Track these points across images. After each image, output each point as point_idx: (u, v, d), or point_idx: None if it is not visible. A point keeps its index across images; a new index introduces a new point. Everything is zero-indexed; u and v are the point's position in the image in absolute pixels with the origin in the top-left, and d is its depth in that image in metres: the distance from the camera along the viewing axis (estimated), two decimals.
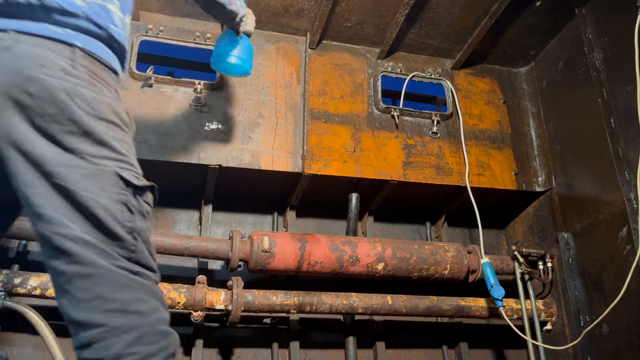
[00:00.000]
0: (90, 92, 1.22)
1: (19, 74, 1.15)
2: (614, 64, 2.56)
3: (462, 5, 2.76)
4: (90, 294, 1.13)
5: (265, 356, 2.69)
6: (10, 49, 1.16)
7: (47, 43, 1.21)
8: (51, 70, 1.18)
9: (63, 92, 1.17)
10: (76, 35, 1.26)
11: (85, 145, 1.18)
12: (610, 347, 2.41)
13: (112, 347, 1.11)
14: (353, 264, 2.51)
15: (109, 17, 1.33)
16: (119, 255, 1.18)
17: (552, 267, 2.77)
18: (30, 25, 1.20)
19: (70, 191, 1.14)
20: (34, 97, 1.14)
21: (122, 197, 1.20)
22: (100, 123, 1.21)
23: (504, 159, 3.00)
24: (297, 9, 2.75)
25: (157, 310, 1.20)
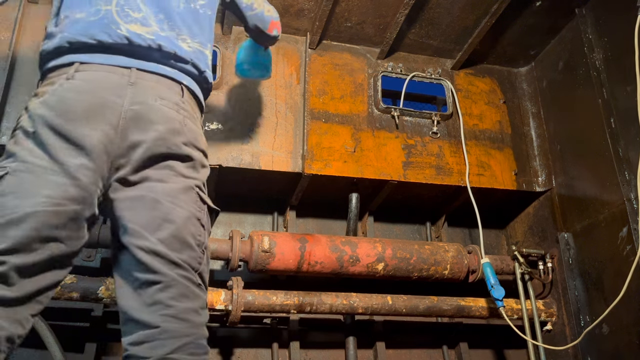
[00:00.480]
0: (193, 125, 1.48)
1: (142, 103, 1.37)
2: (614, 64, 2.56)
3: (462, 5, 2.76)
4: (153, 299, 1.28)
5: (265, 356, 2.69)
6: (135, 84, 1.39)
7: (164, 80, 1.45)
8: (169, 103, 1.42)
9: (177, 122, 1.42)
10: (183, 76, 1.52)
11: (181, 167, 1.41)
12: (611, 347, 2.41)
13: (160, 348, 1.24)
14: (353, 264, 2.51)
15: (205, 62, 1.59)
16: (187, 265, 1.34)
17: (552, 267, 2.77)
18: (150, 65, 1.44)
19: (158, 202, 1.34)
20: (154, 123, 1.37)
21: (198, 213, 1.41)
22: (196, 151, 1.46)
23: (504, 159, 3.00)
24: (297, 9, 2.75)
25: (204, 325, 1.35)
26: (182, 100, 1.47)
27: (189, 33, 1.55)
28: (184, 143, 1.42)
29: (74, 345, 2.39)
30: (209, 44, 1.65)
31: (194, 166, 1.45)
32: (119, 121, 1.33)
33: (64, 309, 2.46)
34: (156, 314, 1.26)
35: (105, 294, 2.23)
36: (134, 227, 1.31)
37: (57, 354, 2.09)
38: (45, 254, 1.23)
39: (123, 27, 1.43)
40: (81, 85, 1.34)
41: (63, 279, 1.34)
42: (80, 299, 2.22)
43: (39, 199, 1.22)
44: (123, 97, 1.36)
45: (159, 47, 1.45)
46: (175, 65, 1.50)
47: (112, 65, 1.40)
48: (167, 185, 1.37)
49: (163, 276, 1.29)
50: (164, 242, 1.31)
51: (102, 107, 1.32)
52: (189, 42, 1.54)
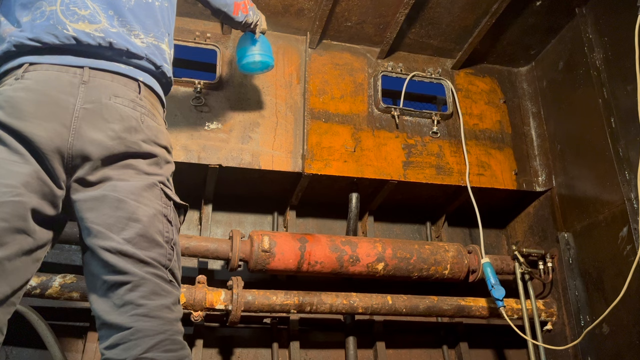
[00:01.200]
0: (152, 122, 1.44)
1: (95, 102, 1.34)
2: (614, 64, 2.56)
3: (462, 5, 2.76)
4: (122, 300, 1.25)
5: (265, 356, 2.69)
6: (87, 82, 1.36)
7: (118, 78, 1.42)
8: (124, 100, 1.39)
9: (134, 120, 1.39)
10: (139, 72, 1.48)
11: (143, 165, 1.38)
12: (611, 347, 2.41)
13: (134, 349, 1.21)
14: (353, 264, 2.51)
15: (161, 56, 1.54)
16: (156, 263, 1.31)
17: (552, 267, 2.77)
18: (103, 63, 1.41)
19: (122, 201, 1.30)
20: (109, 122, 1.34)
21: (164, 210, 1.38)
22: (157, 147, 1.43)
23: (504, 159, 3.00)
24: (297, 9, 2.75)
25: (178, 321, 1.32)
26: (138, 97, 1.44)
27: (142, 28, 1.50)
28: (143, 140, 1.39)
29: (74, 345, 2.39)
30: (166, 38, 1.60)
31: (157, 162, 1.42)
32: (72, 120, 1.30)
33: (64, 308, 2.46)
34: (127, 314, 1.24)
35: None
36: (98, 228, 1.28)
37: (57, 354, 2.09)
38: (15, 248, 1.19)
39: (69, 26, 1.39)
40: (31, 84, 1.31)
41: (31, 277, 1.30)
42: (80, 298, 2.22)
43: (4, 189, 1.19)
44: (75, 95, 1.33)
45: (109, 44, 1.41)
46: (129, 61, 1.46)
47: (62, 65, 1.37)
48: (129, 183, 1.34)
49: (131, 276, 1.26)
50: (131, 241, 1.28)
51: (53, 106, 1.30)
52: (142, 38, 1.49)
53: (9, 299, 1.20)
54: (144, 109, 1.43)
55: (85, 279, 1.35)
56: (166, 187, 1.42)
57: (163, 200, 1.39)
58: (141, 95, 1.45)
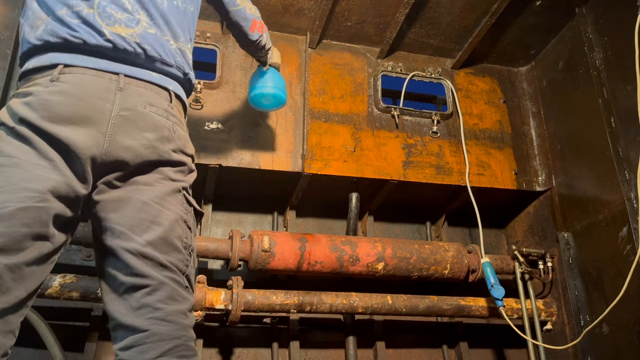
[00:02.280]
0: (182, 131, 1.48)
1: (131, 110, 1.36)
2: (614, 64, 2.56)
3: (462, 5, 2.76)
4: (140, 303, 1.27)
5: (265, 356, 2.69)
6: (124, 89, 1.37)
7: (151, 86, 1.44)
8: (158, 109, 1.42)
9: (167, 129, 1.41)
10: (170, 81, 1.51)
11: (170, 172, 1.41)
12: (611, 347, 2.41)
13: (149, 352, 1.23)
14: (353, 264, 2.51)
15: (188, 63, 1.58)
16: (174, 267, 1.33)
17: (552, 267, 2.77)
18: (136, 71, 1.42)
19: (146, 204, 1.33)
20: (143, 130, 1.36)
21: (184, 216, 1.41)
22: (185, 157, 1.47)
23: (504, 159, 3.00)
24: (297, 9, 2.75)
25: (191, 327, 1.34)
26: (170, 106, 1.46)
27: (172, 34, 1.52)
28: (174, 150, 1.42)
29: (74, 345, 2.39)
30: (190, 43, 1.62)
31: (183, 171, 1.46)
32: (108, 126, 1.31)
33: (64, 308, 2.46)
34: (144, 317, 1.25)
35: None
36: (121, 228, 1.29)
37: (57, 354, 2.09)
38: (34, 253, 1.19)
39: (106, 30, 1.39)
40: (67, 88, 1.31)
41: (45, 279, 1.31)
42: (80, 298, 2.22)
43: (29, 193, 1.19)
44: (112, 102, 1.33)
45: (144, 51, 1.43)
46: (161, 69, 1.48)
47: (98, 70, 1.37)
48: (154, 188, 1.36)
49: (150, 279, 1.28)
50: (152, 244, 1.30)
51: (90, 111, 1.30)
52: (172, 44, 1.51)
53: (25, 303, 1.21)
54: (175, 118, 1.46)
55: (99, 280, 1.35)
56: (187, 193, 1.46)
57: (184, 206, 1.43)
58: (172, 104, 1.48)
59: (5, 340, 1.17)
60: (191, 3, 1.63)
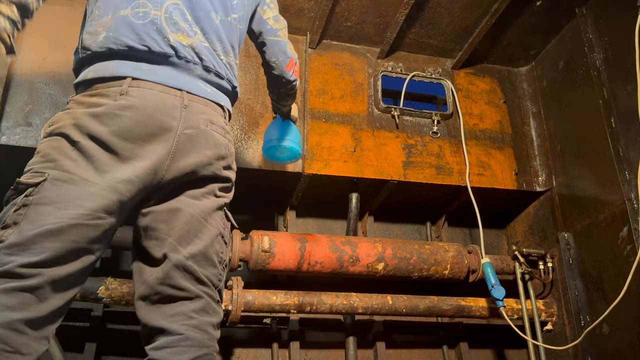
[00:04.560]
0: (233, 147, 1.52)
1: (195, 128, 1.38)
2: (614, 64, 2.55)
3: (462, 5, 2.76)
4: (175, 311, 1.31)
5: (265, 356, 2.69)
6: (188, 107, 1.39)
7: (210, 103, 1.46)
8: (218, 127, 1.45)
9: (224, 148, 1.45)
10: (222, 96, 1.53)
11: (217, 188, 1.45)
12: (611, 347, 2.41)
13: (183, 354, 1.26)
14: (353, 264, 2.51)
15: (235, 76, 1.59)
16: (209, 282, 1.37)
17: (552, 267, 2.76)
18: (196, 86, 1.43)
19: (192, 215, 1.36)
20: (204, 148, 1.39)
21: (223, 231, 1.45)
22: (232, 173, 1.51)
23: (504, 159, 3.00)
24: (297, 9, 2.75)
25: (216, 340, 1.37)
26: (226, 123, 1.51)
27: (223, 49, 1.53)
28: (225, 167, 1.46)
29: (74, 345, 2.39)
30: (237, 59, 1.63)
31: (228, 188, 1.50)
32: (173, 144, 1.33)
33: None
34: (178, 323, 1.29)
35: (105, 294, 2.22)
36: (170, 240, 1.33)
37: (57, 354, 2.08)
38: (77, 266, 1.23)
39: (170, 36, 1.40)
40: (137, 104, 1.31)
41: None
42: (80, 298, 2.21)
43: (81, 211, 1.21)
44: (178, 119, 1.35)
45: (200, 60, 1.45)
46: (215, 82, 1.50)
47: (164, 85, 1.37)
48: (202, 203, 1.39)
49: (187, 292, 1.32)
50: (194, 257, 1.34)
51: (159, 130, 1.32)
52: (222, 58, 1.52)
53: (61, 311, 1.24)
54: (230, 135, 1.51)
55: (134, 284, 1.38)
56: (227, 210, 1.50)
57: (224, 221, 1.47)
58: (226, 120, 1.52)
59: (40, 345, 1.18)
60: (241, 21, 1.63)
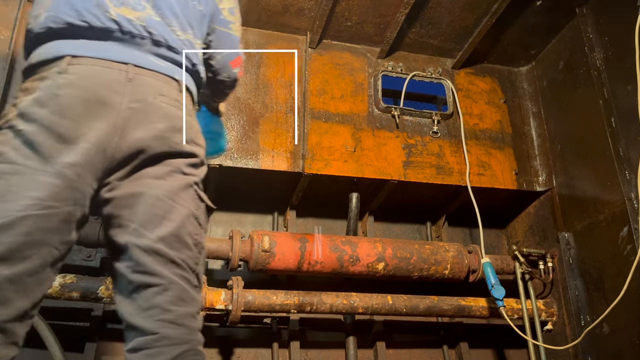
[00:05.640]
0: (193, 122, 1.44)
1: (141, 101, 1.31)
2: (614, 64, 2.55)
3: (462, 5, 2.76)
4: (150, 303, 1.23)
5: (265, 356, 2.69)
6: (133, 80, 1.31)
7: (160, 76, 1.38)
8: (169, 99, 1.37)
9: (178, 119, 1.37)
10: (178, 70, 1.45)
11: (182, 165, 1.37)
12: (611, 347, 2.41)
13: (159, 356, 1.20)
14: (353, 264, 2.51)
15: (196, 55, 1.51)
16: (185, 265, 1.30)
17: (552, 267, 2.76)
18: (145, 60, 1.36)
19: (157, 197, 1.29)
20: (154, 121, 1.31)
21: (196, 212, 1.38)
22: (197, 147, 1.42)
23: (504, 159, 3.00)
24: (297, 9, 2.75)
25: (199, 330, 1.31)
26: (180, 96, 1.42)
27: (180, 25, 1.46)
28: (185, 141, 1.37)
29: (74, 345, 2.39)
30: (200, 40, 1.55)
31: (195, 164, 1.41)
32: (117, 120, 1.26)
33: (64, 308, 2.46)
34: (153, 319, 1.22)
35: (105, 294, 2.23)
36: (133, 225, 1.26)
37: (57, 354, 2.08)
38: (37, 262, 1.16)
39: (112, 10, 1.33)
40: (77, 81, 1.26)
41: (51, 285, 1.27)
42: (80, 298, 2.22)
43: (29, 201, 1.14)
44: (122, 94, 1.28)
45: (149, 34, 1.37)
46: (169, 56, 1.42)
47: (106, 60, 1.31)
48: (166, 182, 1.32)
49: (160, 278, 1.24)
50: (164, 240, 1.26)
51: (100, 105, 1.25)
52: (180, 34, 1.45)
53: (29, 313, 1.17)
54: (186, 108, 1.42)
55: (113, 280, 1.33)
56: (200, 190, 1.42)
57: (196, 201, 1.39)
58: (183, 94, 1.43)
59: (7, 351, 1.10)
60: (200, 3, 1.56)
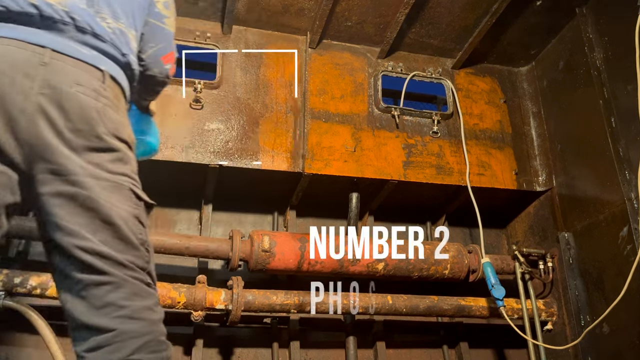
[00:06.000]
0: (115, 114, 1.32)
1: (55, 88, 1.21)
2: (614, 64, 2.55)
3: (462, 5, 2.76)
4: (103, 301, 1.19)
5: (266, 356, 2.69)
6: (48, 64, 1.23)
7: (81, 64, 1.29)
8: (86, 89, 1.26)
9: (95, 111, 1.26)
10: (104, 60, 1.35)
11: (107, 162, 1.27)
12: (611, 347, 2.41)
13: (120, 351, 1.16)
14: (353, 264, 2.51)
15: (127, 45, 1.43)
16: (134, 266, 1.26)
17: (552, 267, 2.76)
18: (65, 45, 1.28)
19: (93, 201, 1.22)
20: (67, 112, 1.22)
21: (135, 211, 1.30)
22: (120, 142, 1.31)
23: (504, 159, 3.00)
24: (297, 9, 2.75)
25: (161, 322, 1.28)
26: (102, 87, 1.31)
27: (111, 13, 1.38)
28: (104, 134, 1.27)
29: None
30: (135, 31, 1.48)
31: (120, 158, 1.31)
32: (27, 105, 1.17)
33: None
34: (109, 316, 1.18)
35: None
36: (72, 226, 1.20)
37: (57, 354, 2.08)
38: None
39: None
40: None
41: None
42: None
43: None
44: (33, 78, 1.19)
45: (72, 20, 1.29)
46: (94, 44, 1.33)
47: (21, 41, 1.22)
48: (99, 182, 1.24)
49: (111, 276, 1.20)
50: (107, 243, 1.22)
51: (7, 87, 1.17)
52: (110, 22, 1.37)
53: None
54: (107, 99, 1.31)
55: (53, 276, 1.27)
56: (135, 187, 1.33)
57: (134, 201, 1.31)
58: (105, 85, 1.33)
59: None
60: None
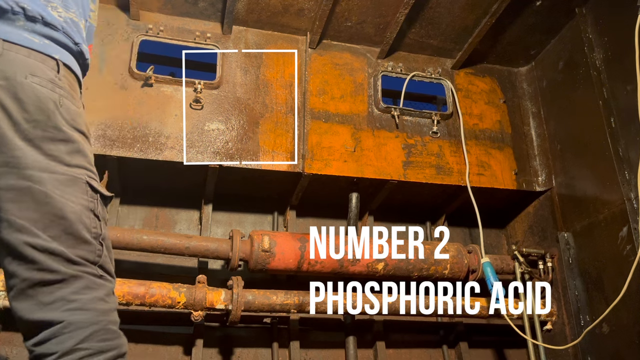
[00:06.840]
0: (71, 104, 1.31)
1: (10, 79, 1.20)
2: (614, 64, 2.56)
3: (462, 5, 2.76)
4: (52, 297, 1.18)
5: (266, 356, 2.69)
6: (1, 55, 1.21)
7: (35, 54, 1.27)
8: (42, 80, 1.25)
9: (51, 102, 1.25)
10: (57, 48, 1.33)
11: (64, 153, 1.25)
12: (611, 347, 2.41)
13: (68, 341, 1.16)
14: (353, 264, 2.51)
15: (79, 34, 1.41)
16: (85, 261, 1.23)
17: (552, 267, 2.77)
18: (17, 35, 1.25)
19: (47, 195, 1.20)
20: (23, 102, 1.20)
21: (90, 205, 1.28)
22: (77, 133, 1.30)
23: (504, 159, 3.00)
24: (297, 9, 2.75)
25: (113, 311, 1.27)
26: (57, 77, 1.30)
27: (61, 3, 1.36)
28: (62, 124, 1.26)
29: None
30: (86, 22, 1.47)
31: (78, 150, 1.29)
32: None
33: None
34: (59, 310, 1.17)
35: None
36: (22, 222, 1.18)
37: None
38: None
39: None
40: None
41: None
42: None
43: None
44: None
45: (22, 9, 1.26)
46: (45, 33, 1.31)
47: None
48: (53, 175, 1.22)
49: (60, 274, 1.19)
50: (58, 239, 1.20)
51: None
52: (61, 12, 1.35)
53: None
54: (63, 90, 1.30)
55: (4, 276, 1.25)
56: (92, 180, 1.31)
57: (89, 194, 1.29)
58: (60, 74, 1.31)
59: None
60: None
